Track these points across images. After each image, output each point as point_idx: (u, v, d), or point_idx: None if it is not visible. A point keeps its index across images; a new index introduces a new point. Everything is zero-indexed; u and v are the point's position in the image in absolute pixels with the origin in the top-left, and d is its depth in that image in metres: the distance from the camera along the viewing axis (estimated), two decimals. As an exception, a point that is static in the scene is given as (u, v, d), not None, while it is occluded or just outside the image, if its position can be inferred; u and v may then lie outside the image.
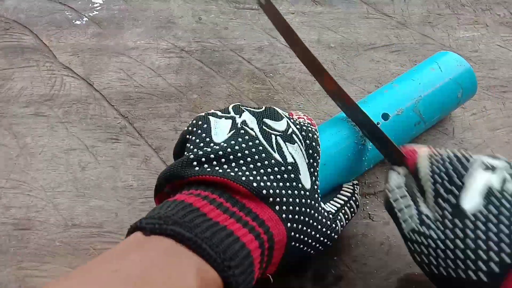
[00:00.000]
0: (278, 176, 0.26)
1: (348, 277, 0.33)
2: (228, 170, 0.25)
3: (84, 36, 0.48)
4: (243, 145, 0.26)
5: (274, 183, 0.26)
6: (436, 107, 0.37)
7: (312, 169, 0.29)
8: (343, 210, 0.31)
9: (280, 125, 0.29)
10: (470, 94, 0.39)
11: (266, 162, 0.26)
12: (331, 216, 0.29)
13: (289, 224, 0.25)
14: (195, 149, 0.27)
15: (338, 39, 0.49)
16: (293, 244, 0.26)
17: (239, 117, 0.28)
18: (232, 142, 0.27)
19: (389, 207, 0.28)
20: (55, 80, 0.45)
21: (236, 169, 0.25)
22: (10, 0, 0.52)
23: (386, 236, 0.35)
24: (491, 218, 0.23)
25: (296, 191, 0.26)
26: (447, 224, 0.24)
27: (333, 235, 0.29)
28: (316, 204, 0.28)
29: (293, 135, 0.29)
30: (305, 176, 0.28)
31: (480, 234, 0.23)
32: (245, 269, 0.22)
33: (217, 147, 0.26)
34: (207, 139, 0.27)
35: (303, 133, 0.29)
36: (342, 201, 0.32)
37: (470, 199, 0.24)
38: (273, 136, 0.28)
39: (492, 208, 0.24)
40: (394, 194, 0.28)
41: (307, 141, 0.29)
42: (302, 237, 0.26)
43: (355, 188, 0.33)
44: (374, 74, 0.46)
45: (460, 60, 0.38)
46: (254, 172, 0.26)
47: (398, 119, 0.35)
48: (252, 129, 0.28)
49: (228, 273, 0.21)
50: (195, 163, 0.26)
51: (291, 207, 0.26)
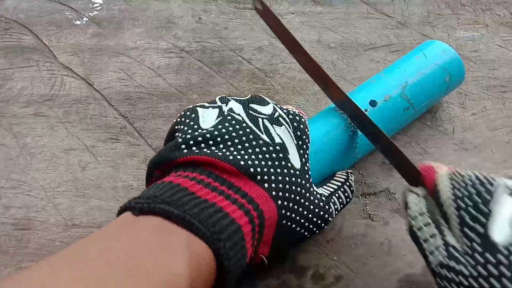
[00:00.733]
0: (267, 156, 0.26)
1: (348, 277, 0.33)
2: (216, 151, 0.26)
3: (84, 36, 0.48)
4: (230, 128, 0.27)
5: (263, 162, 0.26)
6: (424, 93, 0.38)
7: (302, 151, 0.29)
8: (337, 194, 0.31)
9: (267, 109, 0.29)
10: (459, 79, 0.40)
11: (254, 143, 0.27)
12: (324, 198, 0.30)
13: (280, 202, 0.26)
14: (183, 135, 0.27)
15: (338, 39, 0.49)
16: (285, 223, 0.26)
17: (226, 106, 0.29)
18: (220, 127, 0.27)
19: (414, 236, 0.26)
20: (55, 80, 0.45)
21: (224, 150, 0.26)
22: (10, 0, 0.52)
23: (386, 236, 0.35)
24: None
25: (286, 170, 0.27)
26: (478, 259, 0.22)
27: (327, 217, 0.29)
28: (307, 184, 0.28)
29: (280, 118, 0.29)
30: (294, 156, 0.28)
31: None
32: (236, 243, 0.22)
33: (205, 131, 0.27)
34: (195, 126, 0.28)
35: (290, 116, 0.30)
36: (336, 186, 0.32)
37: (500, 230, 0.23)
38: (260, 119, 0.28)
39: None
40: (418, 222, 0.26)
41: (295, 124, 0.29)
42: (294, 216, 0.27)
43: (349, 175, 0.33)
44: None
45: (445, 47, 0.39)
46: (242, 152, 0.26)
47: (386, 106, 0.36)
48: (239, 115, 0.28)
49: (219, 245, 0.21)
50: (183, 146, 0.26)
51: (281, 185, 0.26)
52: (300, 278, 0.33)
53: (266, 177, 0.26)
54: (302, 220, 0.27)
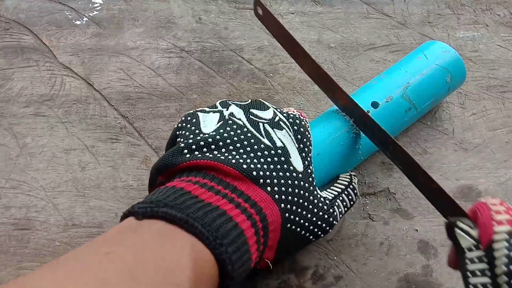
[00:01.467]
0: (269, 159, 0.26)
1: (348, 277, 0.33)
2: (218, 155, 0.26)
3: (84, 36, 0.48)
4: (232, 133, 0.27)
5: (265, 165, 0.26)
6: (426, 93, 0.38)
7: (304, 154, 0.29)
8: (341, 197, 0.31)
9: (267, 114, 0.29)
10: (460, 79, 0.40)
11: (256, 147, 0.27)
12: (328, 202, 0.29)
13: (283, 205, 0.26)
14: (185, 140, 0.27)
15: (338, 39, 0.49)
16: (289, 227, 0.26)
17: (226, 110, 0.29)
18: (221, 131, 0.27)
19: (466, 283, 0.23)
20: (55, 80, 0.45)
21: (226, 154, 0.26)
22: (10, 0, 0.52)
23: (386, 236, 0.35)
24: None
25: (288, 173, 0.27)
26: None
27: (331, 220, 0.29)
28: (311, 187, 0.28)
29: (280, 122, 0.29)
30: (297, 160, 0.28)
31: None
32: (239, 247, 0.22)
33: (207, 136, 0.27)
34: (197, 131, 0.28)
35: (290, 120, 0.30)
36: (339, 189, 0.32)
37: None
38: (261, 124, 0.28)
39: None
40: (475, 281, 0.22)
41: (295, 127, 0.29)
42: (298, 219, 0.27)
43: (352, 178, 0.33)
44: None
45: (445, 47, 0.39)
46: (244, 156, 0.26)
47: (388, 107, 0.36)
48: (240, 119, 0.28)
49: (221, 250, 0.21)
50: (186, 151, 0.26)
51: (284, 188, 0.26)
52: (300, 278, 0.33)
53: (269, 180, 0.26)
54: (307, 224, 0.27)
